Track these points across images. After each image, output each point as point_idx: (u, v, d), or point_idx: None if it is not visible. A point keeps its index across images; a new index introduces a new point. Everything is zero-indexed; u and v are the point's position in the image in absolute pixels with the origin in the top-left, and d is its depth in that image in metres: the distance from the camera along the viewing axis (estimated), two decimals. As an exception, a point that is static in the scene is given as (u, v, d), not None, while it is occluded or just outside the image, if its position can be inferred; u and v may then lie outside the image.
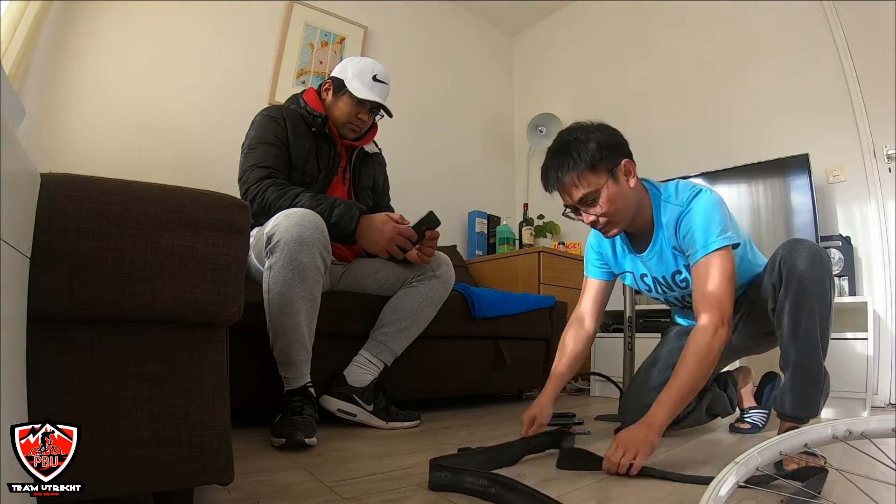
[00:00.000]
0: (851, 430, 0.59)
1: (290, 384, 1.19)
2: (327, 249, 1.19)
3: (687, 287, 1.24)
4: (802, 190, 1.98)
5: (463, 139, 3.29)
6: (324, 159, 1.46)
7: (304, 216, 1.15)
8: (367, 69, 1.46)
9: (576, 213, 1.17)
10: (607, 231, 1.17)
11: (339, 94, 1.46)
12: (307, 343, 1.19)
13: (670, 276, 1.25)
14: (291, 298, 1.13)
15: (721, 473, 0.59)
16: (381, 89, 1.46)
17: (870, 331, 1.68)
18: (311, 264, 1.14)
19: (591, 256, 1.38)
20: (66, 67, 1.91)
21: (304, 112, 1.46)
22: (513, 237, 3.00)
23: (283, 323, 1.14)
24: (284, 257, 1.12)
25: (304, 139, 1.43)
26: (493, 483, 0.76)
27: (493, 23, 3.59)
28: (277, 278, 1.13)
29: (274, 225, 1.15)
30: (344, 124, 1.47)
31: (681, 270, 1.22)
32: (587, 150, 1.09)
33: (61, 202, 0.54)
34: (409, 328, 1.44)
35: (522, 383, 2.14)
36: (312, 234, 1.14)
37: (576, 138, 1.11)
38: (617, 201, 1.12)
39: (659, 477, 0.90)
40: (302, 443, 1.04)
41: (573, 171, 1.10)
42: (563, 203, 1.18)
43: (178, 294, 0.59)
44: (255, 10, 2.44)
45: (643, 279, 1.30)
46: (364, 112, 1.46)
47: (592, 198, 1.11)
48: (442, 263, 1.50)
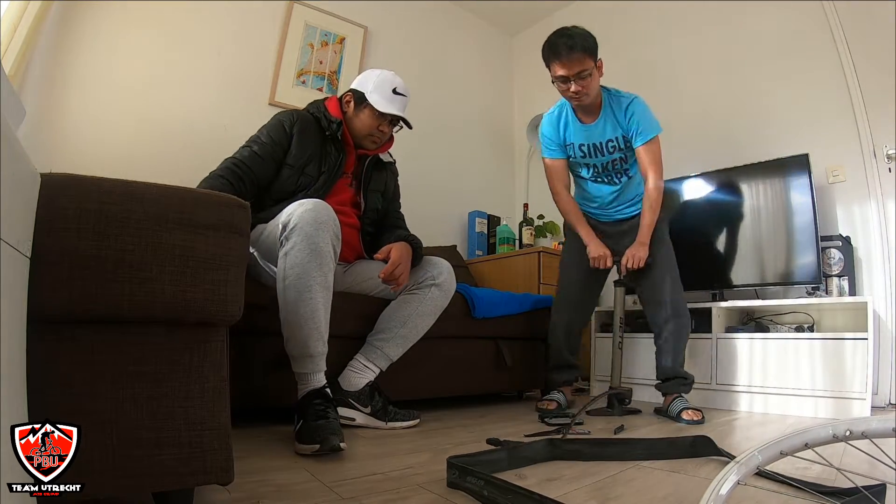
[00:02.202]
0: (852, 429, 0.59)
1: (307, 384, 1.15)
2: (338, 238, 1.19)
3: (614, 152, 1.78)
4: (802, 190, 1.98)
5: (463, 139, 3.29)
6: (328, 163, 1.47)
7: (318, 204, 1.16)
8: (388, 82, 1.48)
9: (565, 82, 1.64)
10: (580, 99, 1.67)
11: (360, 107, 1.49)
12: (324, 334, 1.16)
13: (604, 143, 1.78)
14: (309, 284, 1.12)
15: (722, 472, 0.59)
16: (401, 102, 1.50)
17: (870, 331, 1.68)
18: (327, 248, 1.15)
19: (546, 143, 1.86)
20: (66, 67, 1.90)
21: (320, 116, 1.49)
22: (513, 237, 3.00)
23: (299, 310, 1.12)
24: (302, 240, 1.12)
25: (311, 142, 1.45)
26: (488, 485, 0.76)
27: (493, 23, 3.59)
28: (295, 262, 1.12)
29: (288, 214, 1.16)
30: (366, 137, 1.51)
31: (612, 139, 1.76)
32: (588, 42, 1.62)
33: (61, 202, 0.54)
34: (406, 335, 1.43)
35: (522, 383, 2.13)
36: (327, 220, 1.15)
37: (580, 33, 1.62)
38: (594, 81, 1.66)
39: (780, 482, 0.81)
40: (338, 448, 0.99)
41: (580, 52, 1.59)
42: (558, 73, 1.64)
43: (178, 294, 0.59)
44: (255, 10, 2.43)
45: (581, 147, 1.81)
46: (385, 124, 1.50)
47: (587, 73, 1.62)
48: (444, 272, 1.49)
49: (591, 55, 1.62)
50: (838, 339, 1.74)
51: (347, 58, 2.70)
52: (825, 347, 1.76)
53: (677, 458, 1.06)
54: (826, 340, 1.77)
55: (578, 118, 1.79)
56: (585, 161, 1.84)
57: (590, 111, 1.77)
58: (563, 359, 1.89)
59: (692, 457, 1.07)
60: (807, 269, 1.93)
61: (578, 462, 1.03)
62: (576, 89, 1.64)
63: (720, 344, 1.99)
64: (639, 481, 0.89)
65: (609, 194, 1.87)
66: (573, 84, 1.64)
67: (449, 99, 3.23)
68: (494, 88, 3.58)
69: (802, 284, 1.98)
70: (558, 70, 1.64)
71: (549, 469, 0.97)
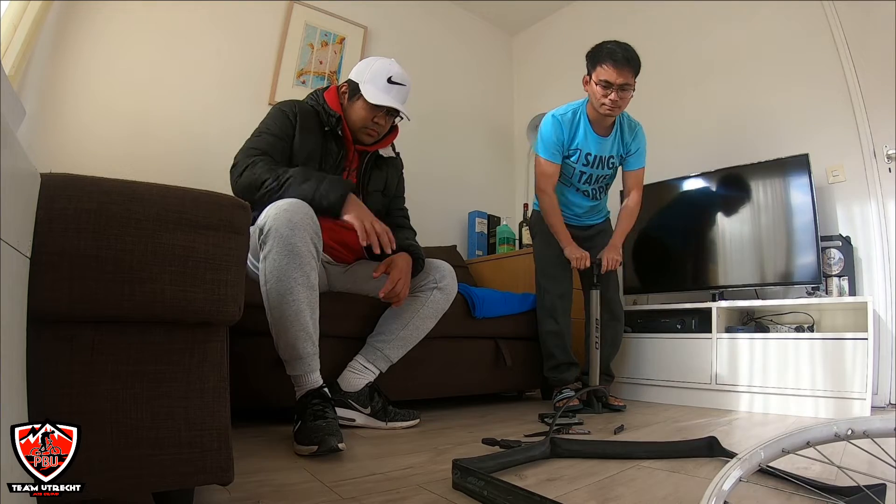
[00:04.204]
0: (854, 428, 0.59)
1: (302, 385, 1.14)
2: (318, 235, 1.16)
3: (610, 169, 1.92)
4: (802, 190, 1.98)
5: (463, 139, 3.29)
6: (329, 160, 1.42)
7: (293, 204, 1.13)
8: (383, 71, 1.40)
9: (607, 87, 1.70)
10: (612, 110, 1.74)
11: (353, 98, 1.42)
12: (312, 334, 1.14)
13: (606, 157, 1.89)
14: (290, 285, 1.10)
15: (724, 469, 0.59)
16: (397, 91, 1.41)
17: (870, 331, 1.68)
18: (305, 248, 1.11)
19: (547, 144, 1.86)
20: (66, 67, 1.90)
21: (320, 109, 1.42)
22: (513, 237, 3.00)
23: (283, 313, 1.10)
24: (278, 243, 1.09)
25: (312, 137, 1.39)
26: (489, 485, 0.76)
27: (493, 23, 3.59)
28: (273, 265, 1.10)
29: (265, 216, 1.13)
30: (360, 129, 1.43)
31: (613, 156, 1.90)
32: (639, 63, 1.72)
33: (61, 202, 0.54)
34: (407, 338, 1.42)
35: (522, 383, 2.13)
36: (302, 219, 1.11)
37: (635, 52, 1.72)
38: (629, 99, 1.75)
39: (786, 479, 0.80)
40: (336, 449, 0.98)
41: (634, 66, 1.70)
42: (603, 78, 1.69)
43: (178, 294, 0.59)
44: (255, 11, 2.43)
45: (587, 157, 1.87)
46: (380, 116, 1.42)
47: (630, 87, 1.72)
48: (446, 275, 1.47)
49: (636, 75, 1.72)
50: (838, 339, 1.74)
51: (347, 58, 2.70)
52: (825, 347, 1.76)
53: (678, 458, 1.06)
54: (826, 340, 1.77)
55: (593, 129, 1.84)
56: (584, 169, 1.89)
57: (605, 126, 1.84)
58: (570, 357, 1.91)
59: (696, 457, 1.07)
60: (807, 269, 1.93)
61: (578, 462, 1.03)
62: (615, 98, 1.70)
63: (720, 344, 1.99)
64: (639, 481, 0.89)
65: (587, 206, 2.00)
66: (614, 93, 1.69)
67: (449, 99, 3.23)
68: (494, 88, 3.58)
69: (802, 284, 1.98)
70: (607, 75, 1.68)
71: (549, 469, 0.97)
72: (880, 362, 1.86)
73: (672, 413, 1.81)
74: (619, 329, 2.00)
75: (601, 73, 1.70)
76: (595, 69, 1.73)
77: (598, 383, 1.82)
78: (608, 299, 1.93)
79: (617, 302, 1.98)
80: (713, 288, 2.18)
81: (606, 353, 1.93)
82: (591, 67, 1.75)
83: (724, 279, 2.17)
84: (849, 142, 2.09)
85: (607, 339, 1.93)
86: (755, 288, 2.12)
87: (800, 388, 1.78)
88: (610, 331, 1.94)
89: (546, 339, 1.93)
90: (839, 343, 1.73)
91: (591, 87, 1.76)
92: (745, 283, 2.12)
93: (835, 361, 1.73)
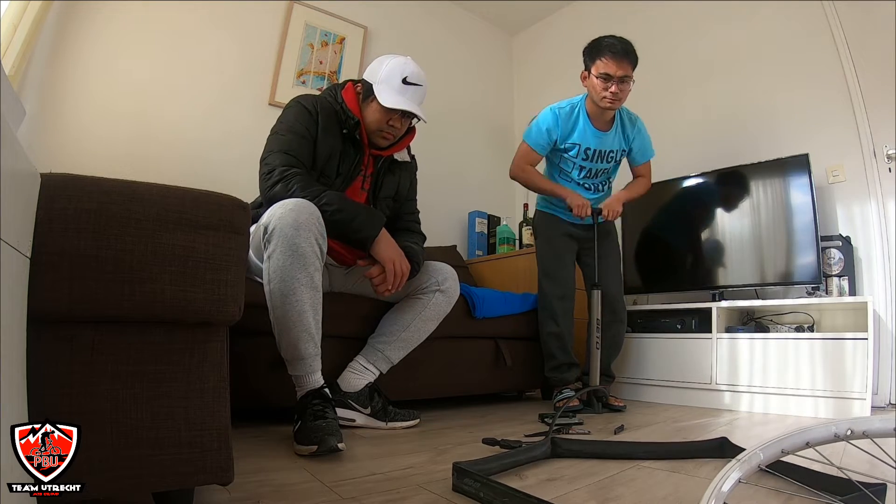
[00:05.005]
0: (853, 429, 0.59)
1: (303, 385, 1.13)
2: (323, 236, 1.15)
3: (610, 162, 1.91)
4: (802, 190, 1.98)
5: (463, 139, 3.29)
6: (345, 164, 1.38)
7: (299, 204, 1.12)
8: (397, 71, 1.34)
9: (606, 80, 1.71)
10: (613, 103, 1.74)
11: (367, 100, 1.36)
12: (314, 335, 1.13)
13: (607, 152, 1.88)
14: (293, 286, 1.09)
15: (724, 470, 0.59)
16: (413, 92, 1.36)
17: (870, 331, 1.68)
18: (310, 249, 1.10)
19: (537, 135, 1.88)
20: (65, 68, 1.90)
21: (339, 109, 1.37)
22: (513, 237, 3.00)
23: (286, 313, 1.09)
24: (282, 243, 1.08)
25: (332, 138, 1.34)
26: (485, 487, 0.76)
27: (493, 23, 3.59)
28: (277, 265, 1.09)
29: (269, 215, 1.12)
30: (375, 132, 1.38)
31: (615, 150, 1.89)
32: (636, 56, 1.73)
33: (61, 202, 0.54)
34: (408, 339, 1.42)
35: (522, 383, 2.13)
36: (308, 220, 1.10)
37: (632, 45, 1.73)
38: (628, 91, 1.76)
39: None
40: (336, 449, 0.98)
41: (633, 58, 1.72)
42: (603, 71, 1.70)
43: (178, 294, 0.59)
44: (255, 11, 2.43)
45: (586, 151, 1.86)
46: (395, 119, 1.36)
47: (630, 80, 1.73)
48: (448, 278, 1.47)
49: (635, 67, 1.74)
50: (838, 339, 1.74)
51: (347, 58, 2.70)
52: (825, 347, 1.76)
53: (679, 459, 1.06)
54: (826, 340, 1.77)
55: (592, 123, 1.84)
56: (583, 164, 1.89)
57: (604, 120, 1.85)
58: (570, 357, 1.91)
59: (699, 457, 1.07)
60: (807, 269, 1.93)
61: (578, 462, 1.03)
62: (615, 90, 1.70)
63: (720, 344, 1.99)
64: (639, 481, 0.89)
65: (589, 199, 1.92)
66: (614, 85, 1.70)
67: (449, 99, 3.23)
68: (494, 88, 3.58)
69: (802, 284, 1.98)
70: (607, 67, 1.70)
71: (549, 469, 0.97)
72: (880, 362, 1.86)
73: (672, 413, 1.81)
74: (622, 330, 1.99)
75: (601, 67, 1.71)
76: (594, 63, 1.74)
77: (598, 383, 1.83)
78: (611, 298, 1.92)
79: (620, 301, 1.97)
80: (713, 288, 2.18)
81: (607, 353, 1.93)
82: (590, 62, 1.76)
83: (724, 279, 2.17)
84: (849, 142, 2.09)
85: (609, 339, 1.92)
86: (755, 288, 2.12)
87: (800, 388, 1.78)
88: (612, 331, 1.93)
89: (547, 340, 1.93)
90: (839, 343, 1.73)
91: (591, 81, 1.76)
92: (745, 283, 2.12)
93: (835, 361, 1.73)
